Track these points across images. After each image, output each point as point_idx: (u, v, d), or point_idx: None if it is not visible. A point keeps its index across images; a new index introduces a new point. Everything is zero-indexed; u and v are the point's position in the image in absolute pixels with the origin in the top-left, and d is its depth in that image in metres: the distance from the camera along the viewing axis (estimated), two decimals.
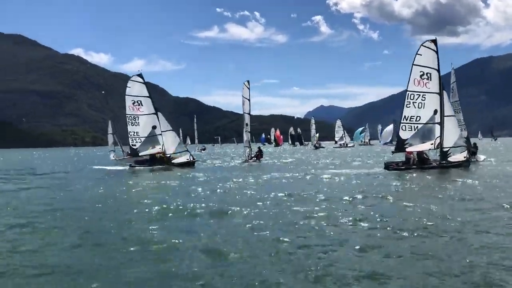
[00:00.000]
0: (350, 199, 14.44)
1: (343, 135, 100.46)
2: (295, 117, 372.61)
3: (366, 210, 12.26)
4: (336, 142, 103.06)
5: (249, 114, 41.78)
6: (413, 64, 26.45)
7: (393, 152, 28.06)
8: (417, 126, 26.25)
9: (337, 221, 10.81)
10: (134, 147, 34.26)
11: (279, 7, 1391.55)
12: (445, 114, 26.23)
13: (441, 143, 26.32)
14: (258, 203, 13.84)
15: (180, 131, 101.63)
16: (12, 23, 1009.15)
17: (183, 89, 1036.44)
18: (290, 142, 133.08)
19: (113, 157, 49.55)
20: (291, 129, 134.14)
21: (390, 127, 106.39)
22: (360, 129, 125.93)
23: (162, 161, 34.06)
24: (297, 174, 25.63)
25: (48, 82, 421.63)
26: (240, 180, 22.78)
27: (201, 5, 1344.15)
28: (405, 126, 26.54)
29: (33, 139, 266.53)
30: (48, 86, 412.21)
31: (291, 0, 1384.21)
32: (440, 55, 26.93)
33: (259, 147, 44.36)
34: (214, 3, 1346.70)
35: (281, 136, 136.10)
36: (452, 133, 26.15)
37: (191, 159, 34.13)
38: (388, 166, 26.56)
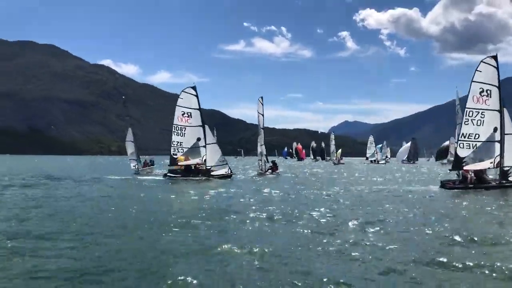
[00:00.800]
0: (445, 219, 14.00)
1: (375, 152, 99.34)
2: (319, 132, 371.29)
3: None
4: (367, 158, 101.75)
5: (263, 128, 44.72)
6: (472, 81, 25.97)
7: (450, 170, 27.79)
8: (476, 144, 25.70)
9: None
10: (174, 156, 34.66)
11: (306, 22, 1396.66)
12: (506, 132, 25.70)
13: (501, 162, 25.72)
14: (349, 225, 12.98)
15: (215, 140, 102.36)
16: (46, 34, 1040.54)
17: (208, 101, 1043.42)
18: (312, 156, 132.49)
19: (134, 166, 45.15)
20: (313, 143, 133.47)
21: (407, 145, 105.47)
22: (379, 146, 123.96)
23: (197, 172, 34.75)
24: (341, 190, 25.43)
25: (78, 91, 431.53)
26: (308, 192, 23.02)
27: (228, 19, 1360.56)
28: (463, 144, 25.94)
29: (61, 147, 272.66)
30: (77, 95, 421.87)
31: (318, 15, 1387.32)
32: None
33: (273, 161, 48.20)
34: (241, 17, 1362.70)
35: (304, 151, 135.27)
36: None
37: (229, 172, 35.34)
38: (444, 184, 25.94)
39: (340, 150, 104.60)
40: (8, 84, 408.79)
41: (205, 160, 34.63)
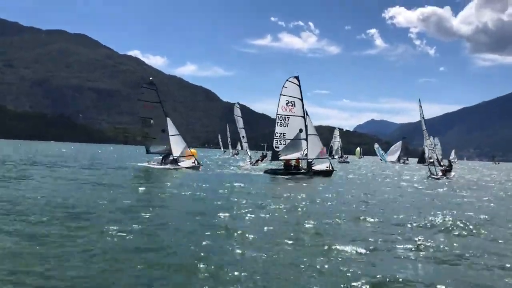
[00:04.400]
0: None
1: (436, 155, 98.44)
2: (344, 129, 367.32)
3: None
4: (381, 160, 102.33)
5: (243, 128, 49.99)
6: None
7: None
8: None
9: None
10: (277, 149, 34.00)
11: (334, 18, 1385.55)
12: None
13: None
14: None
15: (228, 135, 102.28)
16: (78, 23, 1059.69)
17: (234, 95, 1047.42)
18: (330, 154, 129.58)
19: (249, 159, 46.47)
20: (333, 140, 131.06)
21: (398, 144, 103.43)
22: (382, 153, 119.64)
23: (297, 168, 33.92)
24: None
25: (107, 81, 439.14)
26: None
27: (255, 13, 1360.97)
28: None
29: (87, 135, 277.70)
30: (106, 85, 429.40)
31: (346, 12, 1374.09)
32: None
33: (263, 153, 55.18)
34: (269, 11, 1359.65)
35: (324, 148, 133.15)
36: None
37: (330, 168, 34.65)
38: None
39: (358, 148, 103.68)
40: (40, 71, 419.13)
41: (305, 155, 33.75)
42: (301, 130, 33.97)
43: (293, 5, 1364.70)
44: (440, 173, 39.32)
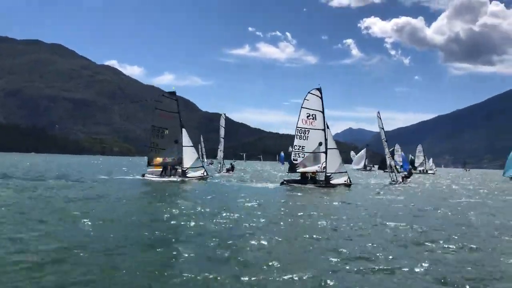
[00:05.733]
0: None
1: (424, 161, 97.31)
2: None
3: None
4: (415, 168, 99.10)
5: (223, 138, 51.92)
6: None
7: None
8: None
9: None
10: (295, 161, 33.55)
11: (311, 28, 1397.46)
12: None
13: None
14: None
15: (201, 146, 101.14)
16: (53, 33, 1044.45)
17: (212, 105, 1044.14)
18: None
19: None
20: None
21: (362, 152, 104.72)
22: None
23: (313, 180, 33.67)
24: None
25: (83, 91, 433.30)
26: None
27: (233, 24, 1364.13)
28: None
29: (63, 145, 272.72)
30: (82, 95, 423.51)
31: (323, 22, 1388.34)
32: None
33: (231, 163, 57.25)
34: (246, 22, 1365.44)
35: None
36: None
37: (349, 181, 33.99)
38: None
39: None
40: (14, 81, 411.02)
41: (324, 167, 33.26)
42: (320, 144, 33.44)
43: (270, 15, 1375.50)
44: (400, 180, 43.75)
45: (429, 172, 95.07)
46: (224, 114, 52.72)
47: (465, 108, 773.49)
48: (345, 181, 33.55)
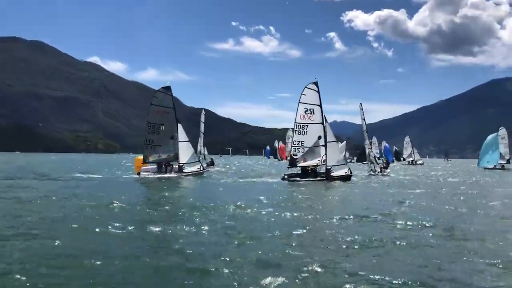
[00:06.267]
0: None
1: (412, 152, 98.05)
2: None
3: None
4: (404, 159, 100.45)
5: (203, 133, 55.12)
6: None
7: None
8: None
9: None
10: (294, 156, 33.71)
11: (294, 22, 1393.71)
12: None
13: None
14: None
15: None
16: (34, 30, 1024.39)
17: (197, 100, 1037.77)
18: None
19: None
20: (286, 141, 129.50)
21: (343, 144, 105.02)
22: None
23: (314, 173, 33.81)
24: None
25: (66, 88, 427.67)
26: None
27: (216, 18, 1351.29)
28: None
29: (47, 144, 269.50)
30: (65, 92, 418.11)
31: (306, 16, 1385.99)
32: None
33: (211, 159, 58.44)
34: (230, 16, 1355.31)
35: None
36: None
37: (349, 173, 34.04)
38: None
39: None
40: None
41: (324, 160, 33.36)
42: (319, 137, 33.55)
43: (253, 9, 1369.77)
44: (379, 170, 45.16)
45: (417, 163, 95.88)
46: (203, 110, 54.24)
47: (448, 99, 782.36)
48: (346, 172, 33.66)
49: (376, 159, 44.33)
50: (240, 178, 36.43)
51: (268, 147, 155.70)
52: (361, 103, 43.47)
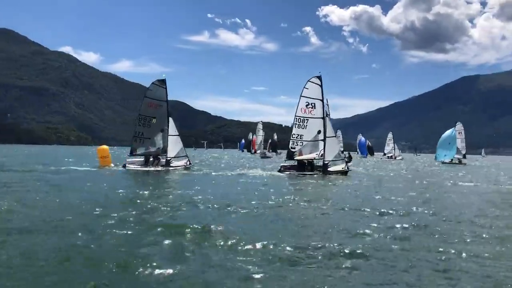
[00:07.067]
0: None
1: (394, 148, 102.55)
2: (283, 125, 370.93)
3: None
4: (385, 154, 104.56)
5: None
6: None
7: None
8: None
9: None
10: (293, 149, 33.40)
11: (270, 16, 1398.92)
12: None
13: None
14: None
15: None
16: (2, 18, 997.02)
17: (172, 92, 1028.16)
18: (269, 150, 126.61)
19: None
20: (275, 136, 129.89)
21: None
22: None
23: (311, 166, 33.78)
24: None
25: (36, 79, 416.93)
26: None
27: (191, 10, 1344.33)
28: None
29: (16, 135, 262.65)
30: (35, 83, 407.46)
31: (282, 10, 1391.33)
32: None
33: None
34: (205, 8, 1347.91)
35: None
36: None
37: (346, 168, 33.77)
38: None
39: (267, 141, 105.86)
40: None
41: (322, 155, 33.16)
42: (319, 132, 33.31)
43: (229, 2, 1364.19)
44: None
45: (397, 158, 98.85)
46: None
47: (421, 95, 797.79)
48: (343, 168, 33.55)
49: (340, 153, 44.63)
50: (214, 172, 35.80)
51: (243, 141, 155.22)
52: (327, 99, 43.35)
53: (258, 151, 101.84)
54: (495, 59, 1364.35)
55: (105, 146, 38.73)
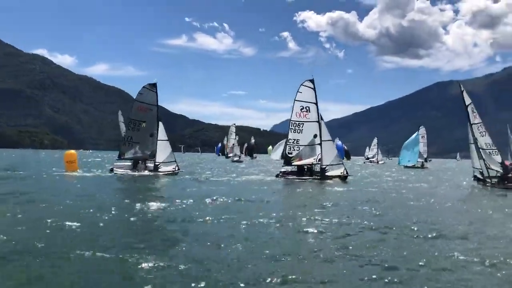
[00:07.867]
0: None
1: (377, 153, 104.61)
2: (262, 129, 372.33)
3: None
4: (367, 158, 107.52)
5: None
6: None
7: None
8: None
9: None
10: (290, 155, 33.33)
11: (248, 20, 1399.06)
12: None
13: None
14: None
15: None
16: None
17: None
18: (245, 154, 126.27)
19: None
20: (253, 140, 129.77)
21: (281, 142, 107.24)
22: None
23: (310, 171, 33.57)
24: None
25: (9, 81, 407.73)
26: None
27: (169, 13, 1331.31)
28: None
29: None
30: (8, 85, 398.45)
31: (259, 15, 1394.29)
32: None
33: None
34: (183, 12, 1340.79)
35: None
36: None
37: (345, 173, 33.18)
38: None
39: (270, 147, 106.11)
40: None
41: (319, 159, 33.00)
42: (315, 136, 33.18)
43: (207, 6, 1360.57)
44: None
45: (379, 162, 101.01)
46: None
47: (395, 100, 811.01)
48: (341, 172, 32.97)
49: (338, 157, 45.29)
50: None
51: (220, 144, 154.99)
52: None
53: (230, 155, 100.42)
54: (468, 65, 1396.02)
55: (72, 151, 38.41)
